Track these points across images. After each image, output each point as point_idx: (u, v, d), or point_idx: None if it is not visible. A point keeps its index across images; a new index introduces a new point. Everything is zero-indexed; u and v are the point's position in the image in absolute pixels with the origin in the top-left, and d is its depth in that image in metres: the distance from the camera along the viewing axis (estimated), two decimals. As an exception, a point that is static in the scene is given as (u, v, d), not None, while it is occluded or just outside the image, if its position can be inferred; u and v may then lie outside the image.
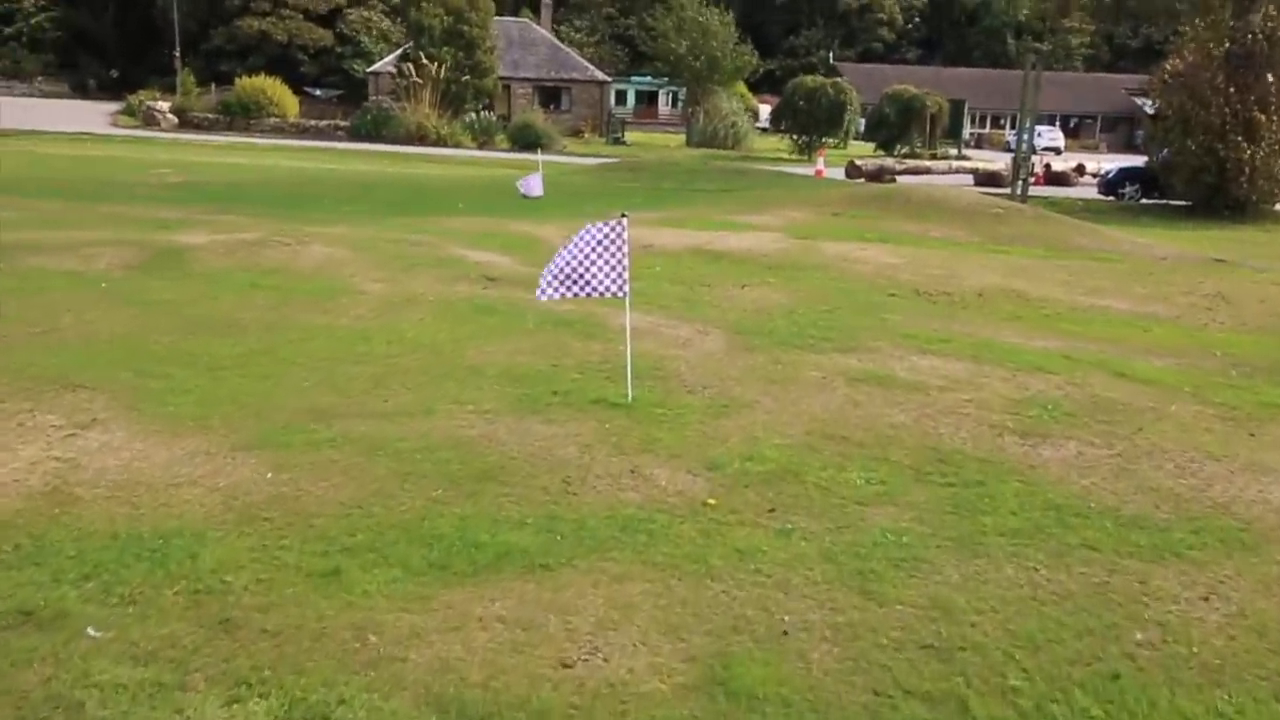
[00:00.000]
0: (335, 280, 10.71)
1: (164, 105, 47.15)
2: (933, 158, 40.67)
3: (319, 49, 61.35)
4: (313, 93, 57.73)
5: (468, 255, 12.45)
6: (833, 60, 70.39)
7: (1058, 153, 51.63)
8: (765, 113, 54.83)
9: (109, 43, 67.15)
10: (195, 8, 59.71)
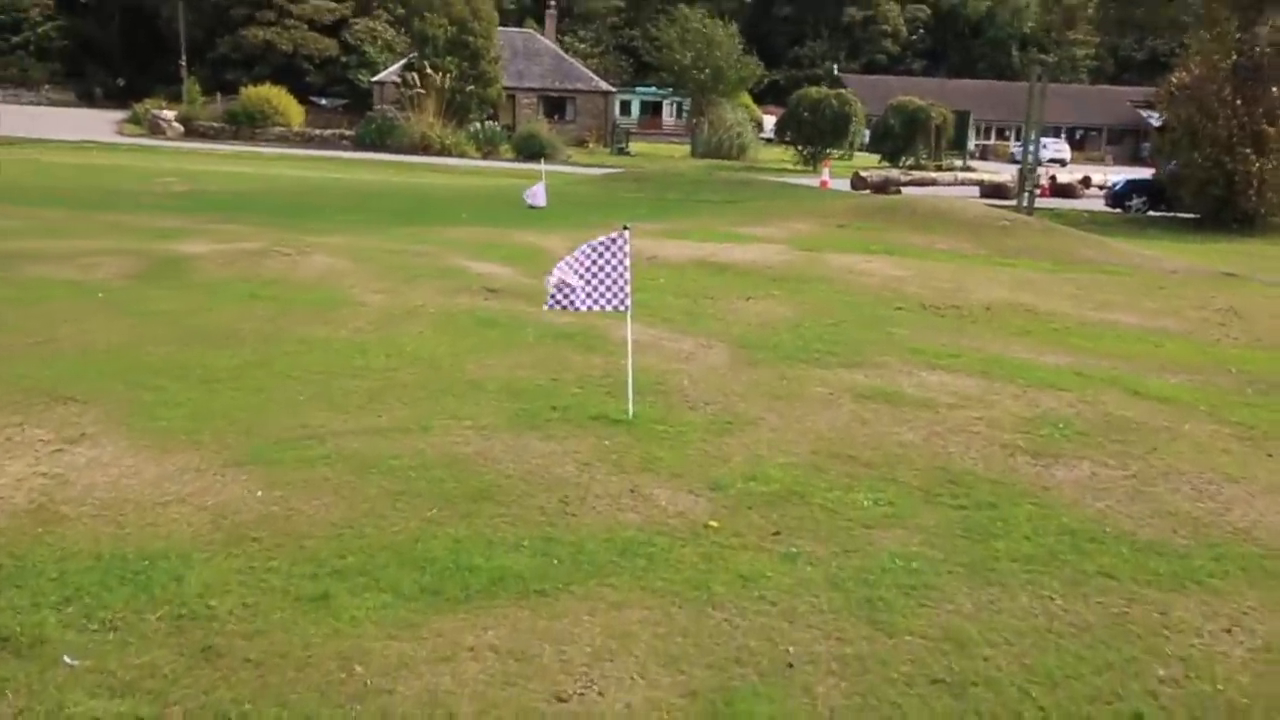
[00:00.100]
0: (335, 291, 10.59)
1: (170, 114, 47.20)
2: (938, 169, 40.51)
3: (324, 58, 61.42)
4: (318, 102, 57.77)
5: (470, 266, 12.33)
6: (837, 71, 70.37)
7: (1063, 165, 51.46)
8: (770, 123, 54.76)
9: (115, 51, 67.35)
10: (201, 17, 59.84)
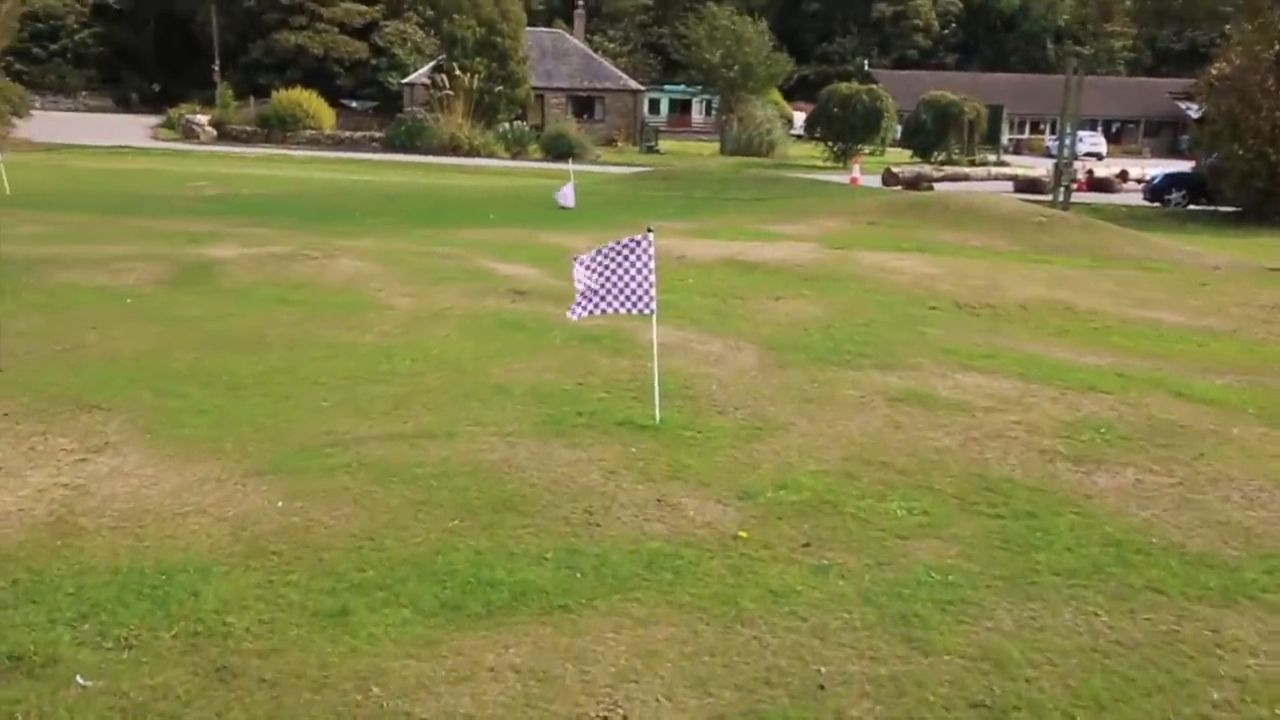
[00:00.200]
0: (362, 295, 10.55)
1: (203, 118, 47.78)
2: (971, 164, 39.98)
3: (354, 61, 61.86)
4: (349, 104, 58.22)
5: (497, 268, 12.26)
6: (868, 67, 69.70)
7: (1100, 158, 50.62)
8: (799, 120, 54.34)
9: (150, 58, 68.28)
10: (234, 22, 60.50)
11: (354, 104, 59.31)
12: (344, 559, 4.40)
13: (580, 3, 60.46)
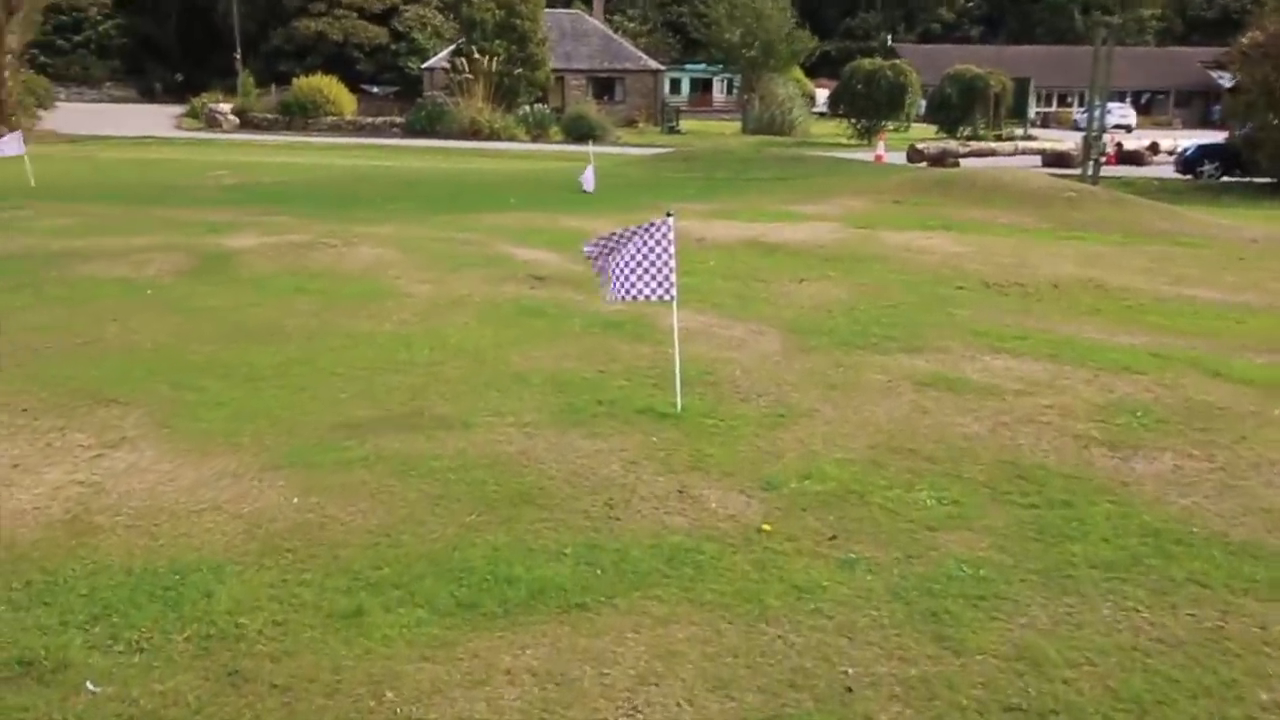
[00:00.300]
0: (381, 283, 10.48)
1: (225, 107, 47.95)
2: (997, 139, 39.32)
3: (374, 47, 61.80)
4: (369, 90, 58.20)
5: (516, 253, 12.14)
6: (891, 42, 68.75)
7: (1129, 130, 49.67)
8: (822, 97, 53.74)
9: (173, 48, 68.58)
10: (255, 10, 60.59)
11: (374, 89, 59.29)
12: (359, 556, 4.32)
13: (598, -17, 60.02)
